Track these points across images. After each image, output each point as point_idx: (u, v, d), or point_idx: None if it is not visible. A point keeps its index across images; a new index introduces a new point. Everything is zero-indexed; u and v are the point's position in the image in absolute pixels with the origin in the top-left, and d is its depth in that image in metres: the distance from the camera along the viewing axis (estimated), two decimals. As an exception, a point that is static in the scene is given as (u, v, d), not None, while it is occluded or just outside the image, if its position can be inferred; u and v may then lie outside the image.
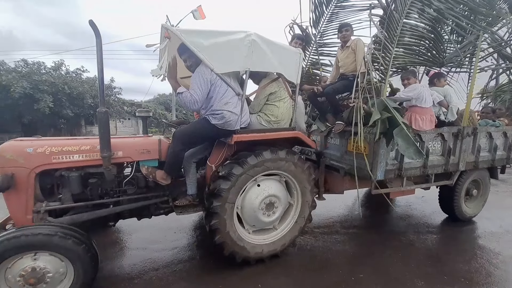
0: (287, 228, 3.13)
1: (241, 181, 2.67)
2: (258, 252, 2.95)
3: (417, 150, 2.73)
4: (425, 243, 3.66)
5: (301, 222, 3.16)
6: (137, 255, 3.21)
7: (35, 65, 19.32)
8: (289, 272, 2.87)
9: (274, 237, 3.07)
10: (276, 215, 2.99)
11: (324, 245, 3.52)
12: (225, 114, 2.54)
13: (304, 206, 3.15)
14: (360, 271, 2.92)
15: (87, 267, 2.22)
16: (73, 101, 19.85)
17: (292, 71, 2.85)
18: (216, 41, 2.40)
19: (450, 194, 4.05)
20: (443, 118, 3.50)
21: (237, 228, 2.84)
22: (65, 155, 2.49)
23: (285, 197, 3.02)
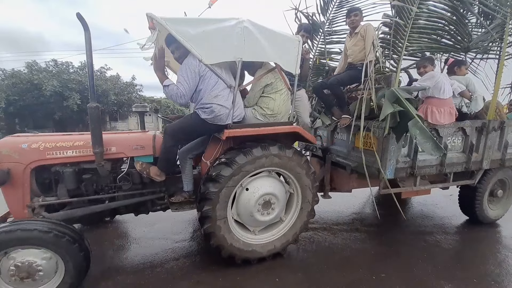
0: (294, 217, 2.92)
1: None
2: (271, 249, 2.81)
3: (435, 145, 2.38)
4: (452, 244, 3.37)
5: (307, 207, 2.91)
6: (159, 245, 3.25)
7: (63, 65, 20.24)
8: (307, 268, 2.77)
9: (284, 229, 2.90)
10: (275, 211, 2.78)
11: (344, 243, 3.35)
12: (215, 107, 2.35)
13: (305, 206, 2.91)
14: (381, 271, 2.74)
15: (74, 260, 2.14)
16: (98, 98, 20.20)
17: (290, 60, 2.58)
18: (204, 30, 2.19)
19: (472, 194, 3.61)
20: (465, 110, 3.07)
21: (241, 236, 2.72)
22: (59, 151, 2.44)
23: (280, 190, 2.78)
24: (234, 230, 2.68)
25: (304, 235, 3.47)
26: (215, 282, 2.55)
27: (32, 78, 18.20)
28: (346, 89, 3.55)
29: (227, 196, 2.51)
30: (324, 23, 4.12)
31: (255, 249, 2.75)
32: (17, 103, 17.98)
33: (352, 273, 2.70)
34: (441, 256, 3.06)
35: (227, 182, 2.44)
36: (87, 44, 2.17)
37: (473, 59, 3.66)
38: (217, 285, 2.51)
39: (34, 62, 19.36)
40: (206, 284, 2.52)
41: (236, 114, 2.50)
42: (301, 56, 2.67)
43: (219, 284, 2.52)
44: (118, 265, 2.86)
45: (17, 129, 19.11)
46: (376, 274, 2.69)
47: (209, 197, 2.43)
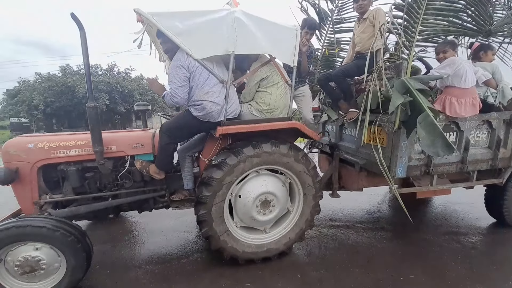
0: (300, 204, 2.74)
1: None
2: (286, 242, 2.71)
3: (445, 144, 2.06)
4: (490, 246, 3.07)
5: (310, 191, 2.69)
6: (184, 237, 3.28)
7: (93, 67, 21.31)
8: (330, 266, 2.65)
9: (294, 219, 2.75)
10: (277, 207, 2.62)
11: (368, 241, 3.15)
12: (206, 104, 2.22)
13: (307, 191, 2.71)
14: (410, 272, 2.55)
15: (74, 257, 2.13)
16: (124, 98, 21.52)
17: (287, 52, 2.37)
18: (193, 23, 2.06)
19: (500, 195, 3.18)
20: (491, 100, 2.66)
21: (251, 240, 2.64)
22: (63, 150, 2.47)
23: (275, 185, 2.59)
24: (242, 238, 2.60)
25: (327, 233, 3.36)
26: (237, 275, 2.50)
27: (66, 81, 19.40)
28: (354, 81, 3.25)
29: (220, 210, 2.41)
30: (332, 10, 3.79)
31: (270, 247, 2.65)
32: (53, 104, 19.30)
33: (378, 273, 2.53)
34: (477, 259, 2.77)
35: (219, 186, 2.33)
36: (83, 43, 2.14)
37: (501, 43, 3.17)
38: (239, 278, 2.46)
39: (67, 66, 20.56)
40: (228, 277, 2.48)
41: (230, 110, 2.36)
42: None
43: (241, 277, 2.47)
44: (147, 255, 2.93)
45: (54, 128, 20.52)
46: (404, 275, 2.50)
47: (203, 201, 2.35)
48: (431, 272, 2.55)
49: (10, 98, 20.20)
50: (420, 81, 2.30)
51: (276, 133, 2.52)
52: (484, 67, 2.70)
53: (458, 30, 2.50)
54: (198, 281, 2.44)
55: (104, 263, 2.76)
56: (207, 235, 2.45)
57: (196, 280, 2.46)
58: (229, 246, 2.50)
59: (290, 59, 2.39)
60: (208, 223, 2.40)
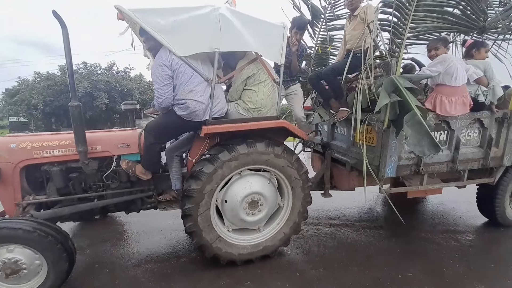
0: (290, 198, 2.66)
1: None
2: (282, 237, 2.67)
3: (432, 143, 2.00)
4: (487, 244, 3.05)
5: (297, 184, 2.60)
6: (182, 237, 3.21)
7: (92, 67, 21.15)
8: (328, 264, 2.63)
9: (286, 213, 2.69)
10: (266, 205, 2.55)
11: (367, 240, 3.12)
12: (190, 103, 2.14)
13: (294, 209, 2.67)
14: (408, 270, 2.53)
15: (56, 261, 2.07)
16: (124, 97, 21.38)
17: (274, 49, 2.29)
18: (176, 19, 1.98)
19: (491, 194, 3.12)
20: (482, 99, 2.59)
21: (246, 241, 2.59)
22: (46, 150, 2.39)
23: (260, 183, 2.52)
24: (236, 241, 2.55)
25: (326, 231, 3.33)
26: (236, 274, 2.47)
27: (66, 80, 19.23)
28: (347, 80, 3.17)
29: (207, 219, 2.35)
30: (325, 7, 3.70)
31: (266, 244, 2.61)
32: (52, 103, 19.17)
33: (376, 271, 2.51)
34: (474, 257, 2.75)
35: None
36: (65, 42, 2.06)
37: (495, 40, 3.09)
38: (238, 277, 2.43)
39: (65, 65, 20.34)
40: (227, 275, 2.45)
41: (216, 109, 2.28)
42: (287, 48, 2.36)
43: (240, 276, 2.45)
44: (147, 254, 2.88)
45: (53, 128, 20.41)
46: (402, 273, 2.48)
47: (187, 213, 2.31)
48: (429, 270, 2.53)
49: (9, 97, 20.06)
50: (409, 80, 2.23)
51: (265, 132, 2.45)
52: (476, 65, 2.63)
53: (449, 26, 2.42)
54: (197, 280, 2.40)
55: (103, 262, 2.72)
56: (199, 245, 2.42)
57: (196, 279, 2.42)
58: (223, 252, 2.46)
59: (277, 56, 2.31)
60: (197, 234, 2.35)
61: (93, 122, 20.78)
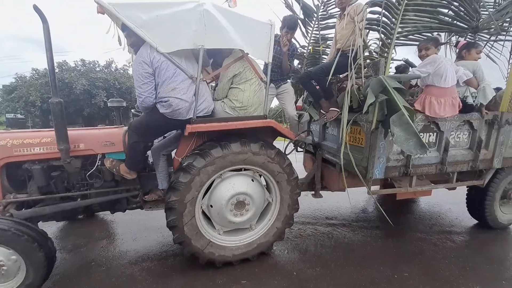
0: (278, 193, 2.60)
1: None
2: (275, 232, 2.62)
3: (419, 143, 1.95)
4: (483, 244, 3.02)
5: (282, 178, 2.52)
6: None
7: (90, 64, 20.94)
8: (325, 264, 2.61)
9: (277, 208, 2.63)
10: (253, 204, 2.48)
11: (364, 240, 3.10)
12: (172, 101, 2.07)
13: (283, 202, 2.59)
14: (404, 270, 2.52)
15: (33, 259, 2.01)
16: (122, 95, 21.20)
17: (261, 47, 2.22)
18: (158, 14, 1.91)
19: (481, 196, 3.08)
20: (470, 101, 2.54)
21: (239, 242, 2.55)
22: (26, 148, 2.31)
23: (243, 183, 2.46)
24: (228, 243, 2.50)
25: (323, 231, 3.31)
26: (233, 273, 2.45)
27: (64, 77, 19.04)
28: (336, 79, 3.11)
29: (193, 227, 2.31)
30: (318, 6, 3.63)
31: (260, 242, 2.57)
32: (50, 100, 18.95)
33: (373, 271, 2.50)
34: (470, 258, 2.74)
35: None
36: (46, 36, 1.98)
37: (487, 41, 3.04)
38: (235, 275, 2.41)
39: (64, 62, 20.16)
40: (224, 274, 2.43)
41: (201, 107, 2.22)
42: (278, 48, 2.31)
43: (237, 274, 2.43)
44: (144, 252, 2.84)
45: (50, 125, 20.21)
46: (399, 273, 2.47)
47: (172, 224, 2.27)
48: (425, 270, 2.51)
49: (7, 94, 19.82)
50: (397, 80, 2.17)
51: (252, 132, 2.39)
52: (465, 66, 2.57)
53: (440, 26, 2.36)
54: (194, 278, 2.37)
55: (100, 260, 2.68)
56: (190, 253, 2.37)
57: (193, 277, 2.38)
58: (217, 256, 2.42)
59: (264, 55, 2.25)
60: (187, 243, 2.31)
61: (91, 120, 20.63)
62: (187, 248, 2.34)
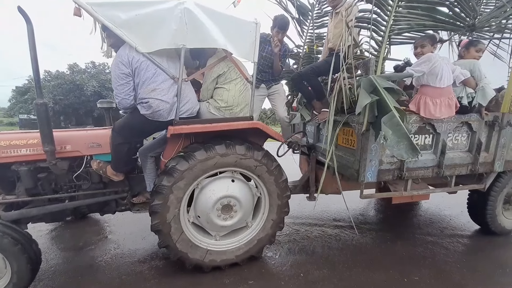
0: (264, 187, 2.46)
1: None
2: (271, 224, 2.53)
3: (410, 146, 1.81)
4: (495, 248, 2.89)
5: (261, 171, 2.36)
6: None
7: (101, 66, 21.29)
8: (333, 266, 2.55)
9: (267, 202, 2.52)
10: (240, 206, 2.38)
11: (372, 242, 3.01)
12: (152, 102, 1.99)
13: (272, 194, 2.48)
14: (414, 273, 2.43)
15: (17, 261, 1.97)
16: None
17: (245, 47, 2.12)
18: (137, 13, 1.83)
19: (483, 201, 2.89)
20: (465, 102, 2.37)
21: (238, 242, 2.47)
22: (13, 149, 2.28)
23: (222, 187, 2.35)
24: (227, 246, 2.42)
25: (331, 233, 3.24)
26: (240, 273, 2.42)
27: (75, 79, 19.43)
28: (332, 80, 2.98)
29: (186, 241, 2.25)
30: (313, 4, 3.50)
31: (259, 237, 2.49)
32: (62, 102, 19.37)
33: (382, 274, 2.42)
34: (482, 262, 2.63)
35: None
36: (30, 37, 1.94)
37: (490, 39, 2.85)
38: (242, 275, 2.38)
39: (75, 64, 20.56)
40: (231, 274, 2.39)
41: (184, 108, 2.14)
42: (269, 48, 2.20)
43: (244, 274, 2.39)
44: (152, 251, 2.82)
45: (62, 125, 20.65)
46: (408, 276, 2.38)
47: (164, 244, 2.23)
48: (436, 274, 2.41)
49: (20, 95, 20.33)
50: (388, 79, 2.04)
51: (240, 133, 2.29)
52: (463, 65, 2.41)
53: (434, 24, 2.20)
54: (201, 277, 2.33)
55: (110, 258, 2.68)
56: (192, 265, 2.31)
57: (200, 276, 2.34)
58: (220, 261, 2.36)
59: (249, 54, 2.15)
60: (185, 257, 2.26)
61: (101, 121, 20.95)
62: (187, 262, 2.28)
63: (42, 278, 2.37)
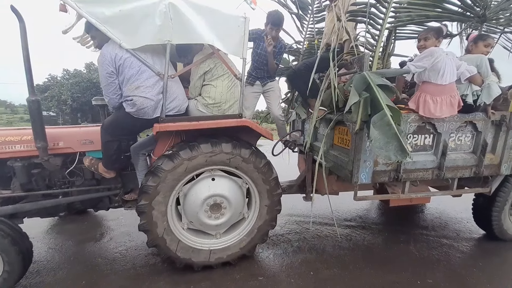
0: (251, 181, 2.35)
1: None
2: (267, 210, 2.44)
3: (399, 148, 1.66)
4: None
5: (240, 163, 2.21)
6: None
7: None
8: (344, 265, 2.48)
9: (257, 198, 2.43)
10: (229, 203, 2.29)
11: (384, 243, 2.90)
12: (136, 100, 1.93)
13: (258, 186, 2.37)
14: (428, 276, 2.32)
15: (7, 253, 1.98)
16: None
17: (233, 42, 2.02)
18: (121, 9, 1.77)
19: (488, 205, 2.68)
20: (470, 100, 2.17)
21: (239, 235, 2.43)
22: (8, 145, 2.30)
23: (203, 190, 2.26)
24: (229, 242, 2.38)
25: (341, 232, 3.16)
26: (250, 268, 2.41)
27: (91, 77, 19.87)
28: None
29: (186, 248, 2.24)
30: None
31: (259, 224, 2.43)
32: (79, 99, 19.88)
33: (394, 275, 2.33)
34: (499, 266, 2.49)
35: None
36: (22, 36, 1.93)
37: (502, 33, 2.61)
38: (253, 271, 2.37)
39: (91, 63, 21.02)
40: (242, 269, 2.38)
41: (171, 106, 2.07)
42: (263, 45, 2.08)
43: (254, 271, 2.39)
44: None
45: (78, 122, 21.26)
46: (422, 279, 2.28)
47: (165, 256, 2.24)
48: (450, 277, 2.29)
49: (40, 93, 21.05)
50: (383, 76, 1.88)
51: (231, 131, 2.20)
52: (469, 60, 2.20)
53: (439, 14, 2.01)
54: (212, 272, 2.33)
55: (125, 250, 2.69)
56: (200, 267, 2.29)
57: (210, 271, 2.33)
58: (226, 257, 2.34)
59: (237, 50, 2.04)
60: (190, 263, 2.25)
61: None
62: (194, 265, 2.27)
63: (62, 267, 2.45)
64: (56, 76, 21.30)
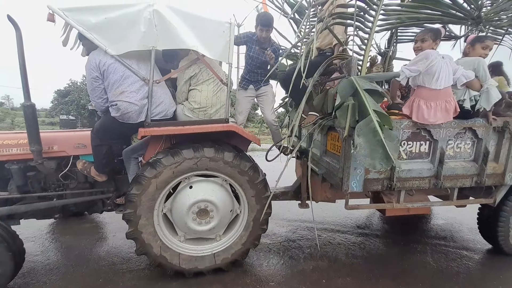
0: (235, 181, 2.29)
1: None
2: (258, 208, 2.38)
3: (385, 155, 1.54)
4: None
5: (227, 170, 2.17)
6: None
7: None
8: (357, 275, 2.39)
9: (246, 198, 2.36)
10: (215, 209, 2.24)
11: (400, 253, 2.79)
12: (120, 105, 1.93)
13: (244, 188, 2.31)
14: (443, 286, 2.23)
15: None
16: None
17: (218, 48, 1.99)
18: (107, 17, 1.79)
19: (493, 218, 2.48)
20: (468, 106, 2.02)
21: (236, 232, 2.40)
22: (5, 148, 2.35)
23: (185, 198, 2.22)
24: (231, 241, 2.35)
25: (354, 240, 3.07)
26: (262, 274, 2.38)
27: (107, 84, 20.55)
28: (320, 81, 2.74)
29: (189, 259, 2.23)
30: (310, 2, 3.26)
31: (253, 217, 2.37)
32: (96, 104, 20.58)
33: (410, 286, 2.23)
34: None
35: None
36: (19, 44, 1.99)
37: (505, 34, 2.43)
38: (264, 277, 2.34)
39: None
40: (253, 274, 2.37)
41: (157, 110, 2.05)
42: (256, 48, 2.03)
43: (266, 276, 2.35)
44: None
45: (95, 125, 21.95)
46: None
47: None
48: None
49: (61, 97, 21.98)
50: (372, 80, 1.78)
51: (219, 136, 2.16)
52: (466, 63, 2.06)
53: (429, 17, 1.90)
54: (224, 276, 2.32)
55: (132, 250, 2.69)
56: (209, 271, 2.28)
57: (222, 275, 2.33)
58: (231, 256, 2.32)
59: (223, 55, 2.01)
60: (197, 270, 2.24)
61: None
62: (203, 271, 2.26)
63: (79, 263, 2.51)
64: (76, 82, 22.18)
